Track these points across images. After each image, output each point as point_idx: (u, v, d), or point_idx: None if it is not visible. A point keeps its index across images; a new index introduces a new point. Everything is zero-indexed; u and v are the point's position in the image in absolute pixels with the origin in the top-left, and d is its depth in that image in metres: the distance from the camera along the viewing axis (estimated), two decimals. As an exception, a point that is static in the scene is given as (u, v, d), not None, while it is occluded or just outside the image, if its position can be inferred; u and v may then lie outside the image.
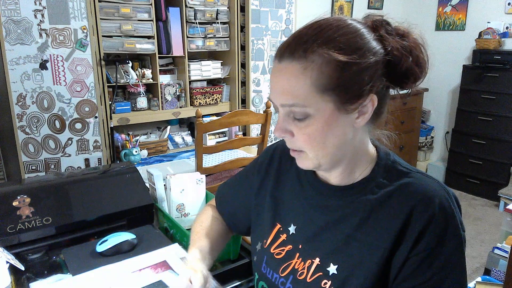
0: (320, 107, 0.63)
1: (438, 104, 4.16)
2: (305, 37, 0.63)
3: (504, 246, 1.76)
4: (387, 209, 0.66)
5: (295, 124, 0.66)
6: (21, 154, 2.15)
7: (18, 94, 2.07)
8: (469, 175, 3.63)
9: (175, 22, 2.49)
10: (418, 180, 0.67)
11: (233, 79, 2.83)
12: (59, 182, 1.17)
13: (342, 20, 0.65)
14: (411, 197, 0.65)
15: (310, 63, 0.61)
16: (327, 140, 0.65)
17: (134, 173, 1.25)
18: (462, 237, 0.64)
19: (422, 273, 0.63)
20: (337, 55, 0.61)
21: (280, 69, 0.65)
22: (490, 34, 3.46)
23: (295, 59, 0.62)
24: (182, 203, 1.21)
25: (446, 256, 0.63)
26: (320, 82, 0.61)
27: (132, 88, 2.44)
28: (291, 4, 2.91)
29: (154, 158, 2.36)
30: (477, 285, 1.48)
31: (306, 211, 0.76)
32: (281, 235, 0.78)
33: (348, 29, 0.63)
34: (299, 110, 0.63)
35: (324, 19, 0.66)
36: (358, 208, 0.69)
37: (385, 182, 0.68)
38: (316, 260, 0.71)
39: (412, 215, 0.64)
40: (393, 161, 0.71)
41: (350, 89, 0.62)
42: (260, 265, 0.80)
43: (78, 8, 2.10)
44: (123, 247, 0.98)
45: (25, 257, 0.99)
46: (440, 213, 0.63)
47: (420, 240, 0.63)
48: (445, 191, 0.67)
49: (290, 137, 0.67)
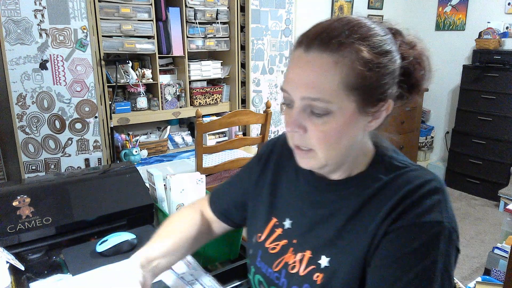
0: (343, 106, 0.61)
1: (438, 104, 4.16)
2: (337, 30, 0.61)
3: (504, 246, 1.76)
4: (378, 199, 0.66)
5: (311, 120, 0.63)
6: (21, 154, 2.15)
7: (18, 94, 2.07)
8: (469, 175, 3.63)
9: (175, 22, 2.49)
10: (412, 172, 0.66)
11: (233, 79, 2.83)
12: (59, 182, 1.17)
13: (369, 21, 0.64)
14: (402, 186, 0.64)
15: (343, 58, 0.59)
16: (341, 141, 0.64)
17: (134, 173, 1.25)
18: (445, 228, 0.60)
19: (395, 249, 0.61)
20: (371, 54, 0.60)
21: (307, 60, 0.61)
22: (490, 34, 3.46)
23: (326, 51, 0.60)
24: (182, 203, 1.21)
25: (422, 240, 0.60)
26: (349, 80, 0.60)
27: (132, 88, 2.44)
28: (291, 4, 2.91)
29: (154, 158, 2.36)
30: (477, 285, 1.48)
31: (301, 206, 0.76)
32: (276, 229, 0.78)
33: (378, 31, 0.63)
34: (322, 106, 0.61)
35: (350, 16, 0.64)
36: (351, 202, 0.68)
37: (381, 176, 0.68)
38: (307, 253, 0.71)
39: (400, 200, 0.63)
40: (390, 157, 0.70)
41: (374, 91, 0.62)
42: (255, 259, 0.80)
43: (78, 8, 2.10)
44: (123, 247, 0.98)
45: (25, 257, 0.99)
46: (427, 197, 0.62)
47: (400, 217, 0.62)
48: (439, 183, 0.64)
49: (303, 133, 0.64)
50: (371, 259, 0.64)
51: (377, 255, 0.63)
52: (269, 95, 3.00)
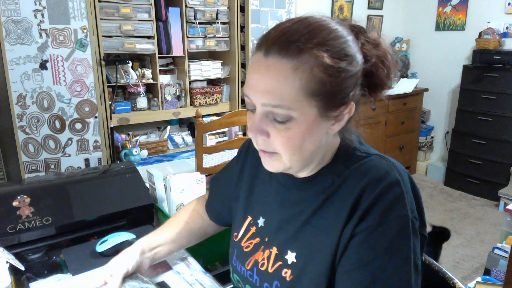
0: (305, 112, 0.60)
1: (438, 104, 4.16)
2: (296, 34, 0.59)
3: (504, 246, 1.76)
4: (340, 192, 0.66)
5: (274, 126, 0.62)
6: (21, 154, 2.15)
7: (18, 94, 2.07)
8: (469, 175, 3.63)
9: (175, 22, 2.49)
10: (371, 161, 0.66)
11: (233, 79, 2.83)
12: (59, 182, 1.17)
13: (331, 22, 0.63)
14: (362, 178, 0.64)
15: (302, 64, 0.58)
16: (304, 145, 0.63)
17: (134, 173, 1.25)
18: (409, 220, 0.61)
19: (365, 252, 0.61)
20: (330, 59, 0.59)
21: (267, 65, 0.60)
22: (490, 34, 3.46)
23: (285, 56, 0.58)
24: (182, 203, 1.21)
25: (390, 237, 0.60)
26: (309, 86, 0.59)
27: (132, 88, 2.44)
28: (291, 4, 2.91)
29: (154, 158, 2.36)
30: (477, 285, 1.48)
31: (272, 205, 0.77)
32: (251, 227, 0.79)
33: (339, 34, 0.61)
34: (283, 112, 0.60)
35: (311, 17, 0.63)
36: (316, 197, 0.69)
37: (342, 169, 0.68)
38: (273, 249, 0.72)
39: (362, 195, 0.62)
40: (353, 148, 0.70)
41: (335, 96, 0.61)
42: (231, 258, 0.82)
43: (78, 8, 2.10)
44: (123, 247, 0.98)
45: (25, 257, 0.99)
46: (387, 192, 0.61)
47: (364, 218, 0.61)
48: (397, 171, 0.64)
49: (266, 138, 0.64)
50: (339, 262, 0.63)
51: (347, 259, 0.62)
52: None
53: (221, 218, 0.93)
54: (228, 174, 0.92)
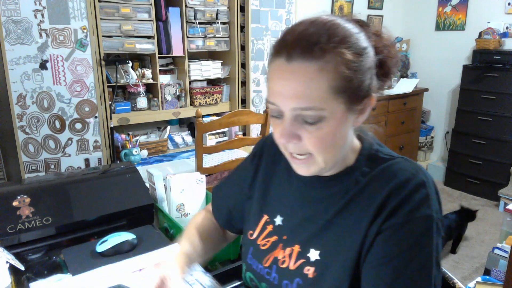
0: (334, 110, 0.62)
1: (438, 104, 4.16)
2: (315, 35, 0.61)
3: (504, 246, 1.76)
4: (366, 193, 0.67)
5: (305, 128, 0.63)
6: (21, 154, 2.15)
7: (18, 94, 2.07)
8: (469, 175, 3.63)
9: (175, 22, 2.49)
10: (398, 164, 0.68)
11: (233, 79, 2.83)
12: (59, 182, 1.17)
13: (343, 20, 0.65)
14: (390, 179, 0.65)
15: (326, 64, 0.59)
16: (336, 142, 0.65)
17: (134, 173, 1.25)
18: (434, 220, 0.63)
19: (390, 248, 0.62)
20: (352, 55, 0.61)
21: (291, 70, 0.61)
22: (490, 34, 3.46)
23: (309, 59, 0.60)
24: (182, 203, 1.21)
25: (415, 236, 0.62)
26: (336, 84, 0.60)
27: (132, 88, 2.44)
28: (291, 4, 2.91)
29: (154, 158, 2.36)
30: (477, 285, 1.48)
31: (292, 202, 0.77)
32: (267, 226, 0.79)
33: (352, 30, 0.64)
34: (314, 114, 0.61)
35: (321, 17, 0.65)
36: (340, 196, 0.70)
37: (368, 170, 0.69)
38: (296, 247, 0.72)
39: (389, 195, 0.64)
40: (376, 150, 0.72)
41: (360, 90, 0.63)
42: (246, 255, 0.81)
43: (78, 8, 2.10)
44: (123, 247, 0.98)
45: (25, 257, 0.99)
46: (414, 193, 0.63)
47: (392, 216, 0.63)
48: (424, 175, 0.66)
49: (298, 141, 0.64)
50: (365, 257, 0.65)
51: (372, 254, 0.64)
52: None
53: (232, 222, 0.92)
54: (239, 177, 0.91)
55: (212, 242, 0.91)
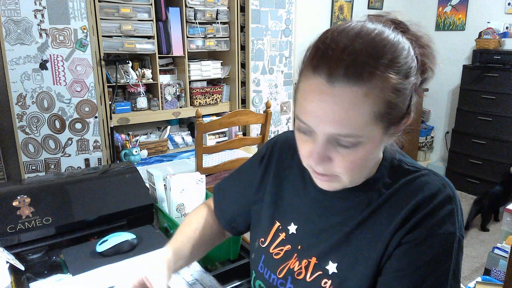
0: (372, 134, 0.57)
1: (438, 104, 4.16)
2: (362, 55, 0.54)
3: (504, 246, 1.76)
4: (389, 206, 0.64)
5: (337, 151, 0.59)
6: (21, 154, 2.15)
7: (18, 94, 2.07)
8: (469, 175, 3.63)
9: (175, 22, 2.49)
10: (424, 176, 0.65)
11: (233, 79, 2.83)
12: (59, 182, 1.17)
13: (391, 33, 0.58)
14: (415, 193, 0.63)
15: (373, 89, 0.54)
16: (367, 164, 0.63)
17: (134, 173, 1.25)
18: (456, 239, 0.61)
19: (407, 262, 0.61)
20: (399, 79, 0.55)
21: (332, 93, 0.54)
22: (490, 34, 3.46)
23: (355, 83, 0.53)
24: (182, 203, 1.21)
25: (435, 252, 0.60)
26: (379, 110, 0.55)
27: (132, 88, 2.44)
28: (291, 4, 2.91)
29: (154, 158, 2.36)
30: (477, 285, 1.48)
31: (308, 211, 0.73)
32: (280, 233, 0.76)
33: (401, 46, 0.58)
34: (351, 140, 0.56)
35: (366, 27, 0.58)
36: (361, 208, 0.67)
37: (390, 181, 0.66)
38: (312, 259, 0.70)
39: (414, 209, 0.62)
40: (399, 160, 0.69)
41: (399, 112, 0.58)
42: (257, 264, 0.78)
43: (78, 8, 2.10)
44: (123, 247, 0.98)
45: (25, 257, 0.99)
46: (440, 208, 0.61)
47: (414, 229, 0.61)
48: (451, 189, 0.64)
49: (328, 163, 0.60)
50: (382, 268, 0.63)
51: (390, 266, 0.62)
52: (269, 95, 3.00)
53: (234, 225, 0.88)
54: (245, 179, 0.87)
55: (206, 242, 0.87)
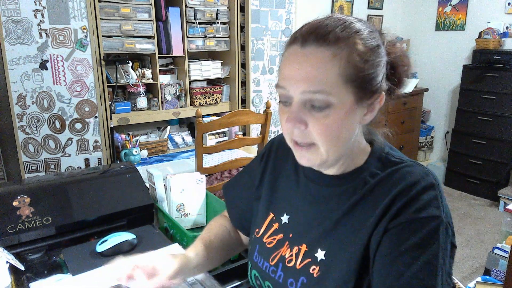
0: (343, 98, 0.62)
1: (438, 104, 4.16)
2: (330, 25, 0.63)
3: (504, 246, 1.76)
4: (374, 194, 0.67)
5: (312, 114, 0.63)
6: (21, 154, 2.15)
7: (18, 94, 2.07)
8: (469, 175, 3.63)
9: (175, 22, 2.49)
10: (409, 167, 0.68)
11: (233, 79, 2.83)
12: (59, 182, 1.17)
13: (356, 19, 0.67)
14: (398, 181, 0.65)
15: (340, 51, 0.61)
16: (342, 134, 0.65)
17: (134, 173, 1.25)
18: (442, 222, 0.62)
19: (395, 246, 0.62)
20: (365, 47, 0.63)
21: (304, 54, 0.63)
22: (490, 34, 3.46)
23: (323, 44, 0.62)
24: (182, 203, 1.21)
25: (421, 235, 0.61)
26: (347, 72, 0.61)
27: (132, 88, 2.44)
28: (291, 4, 2.91)
29: (154, 158, 2.36)
30: (477, 285, 1.48)
31: (299, 201, 0.77)
32: (273, 224, 0.79)
33: (367, 27, 0.66)
34: (322, 98, 0.62)
35: (338, 15, 0.67)
36: (349, 196, 0.69)
37: (377, 172, 0.69)
38: (303, 246, 0.72)
39: (396, 196, 0.64)
40: (387, 153, 0.72)
41: (369, 83, 0.64)
42: (252, 254, 0.81)
43: (78, 8, 2.10)
44: (123, 247, 0.98)
45: (25, 257, 0.99)
46: (422, 193, 0.63)
47: (399, 215, 0.63)
48: (434, 178, 0.66)
49: (304, 128, 0.64)
50: (373, 257, 0.64)
51: (380, 252, 0.64)
52: (269, 95, 3.00)
53: (245, 224, 0.90)
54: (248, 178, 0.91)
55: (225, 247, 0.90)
